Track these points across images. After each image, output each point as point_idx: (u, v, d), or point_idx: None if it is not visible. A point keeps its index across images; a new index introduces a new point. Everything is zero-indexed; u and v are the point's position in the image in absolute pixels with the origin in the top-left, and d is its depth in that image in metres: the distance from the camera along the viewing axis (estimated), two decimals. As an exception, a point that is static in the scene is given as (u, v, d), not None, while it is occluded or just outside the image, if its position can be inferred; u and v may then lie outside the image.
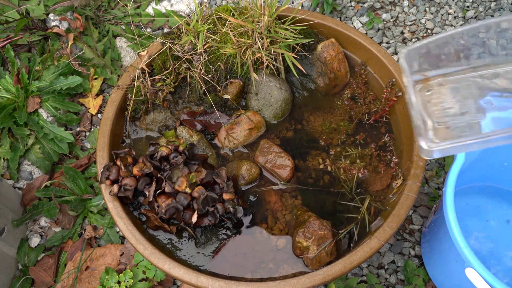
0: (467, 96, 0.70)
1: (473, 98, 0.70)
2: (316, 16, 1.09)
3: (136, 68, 1.03)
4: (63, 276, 1.13)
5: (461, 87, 0.71)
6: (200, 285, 0.82)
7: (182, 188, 0.90)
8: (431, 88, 0.72)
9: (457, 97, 0.70)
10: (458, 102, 0.69)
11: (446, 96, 0.70)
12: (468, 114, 0.69)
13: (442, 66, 0.72)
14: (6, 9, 1.40)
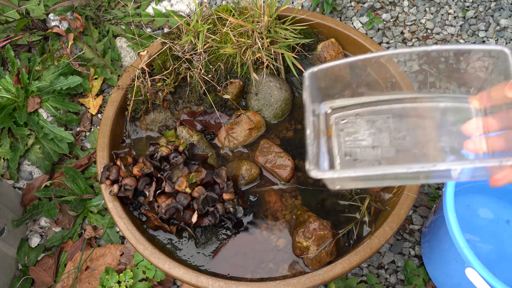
0: (383, 129, 0.67)
1: (388, 131, 0.66)
2: (316, 16, 1.09)
3: (136, 68, 1.03)
4: (63, 276, 1.13)
5: (379, 119, 0.68)
6: (200, 285, 0.82)
7: (182, 188, 0.90)
8: (347, 117, 0.69)
9: (372, 129, 0.67)
10: (371, 134, 0.66)
11: (360, 127, 0.67)
12: (379, 149, 0.65)
13: (356, 95, 0.69)
14: (6, 9, 1.40)
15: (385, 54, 0.62)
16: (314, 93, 0.64)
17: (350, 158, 0.65)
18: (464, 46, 0.59)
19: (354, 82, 0.66)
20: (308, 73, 0.60)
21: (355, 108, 0.69)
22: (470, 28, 1.44)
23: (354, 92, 0.68)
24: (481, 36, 1.43)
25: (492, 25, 1.44)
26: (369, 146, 0.65)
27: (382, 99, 0.69)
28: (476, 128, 0.57)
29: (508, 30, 1.43)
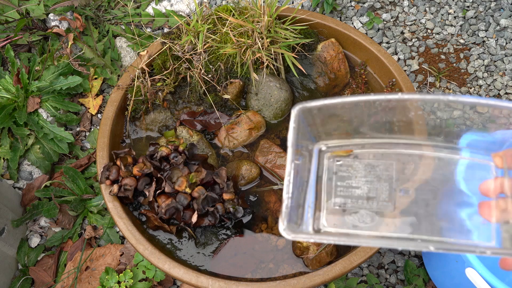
0: (382, 178, 0.56)
1: (389, 181, 0.56)
2: (316, 16, 1.09)
3: (136, 68, 1.02)
4: (63, 276, 1.13)
5: (380, 164, 0.57)
6: (200, 285, 0.82)
7: (182, 188, 0.90)
8: (343, 157, 0.59)
9: (369, 176, 0.56)
10: (368, 182, 0.56)
11: (357, 172, 0.57)
12: (375, 201, 0.55)
13: (356, 135, 0.58)
14: (6, 9, 1.40)
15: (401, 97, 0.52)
16: (303, 130, 0.55)
17: (340, 208, 0.56)
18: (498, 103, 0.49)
19: (355, 121, 0.56)
20: (297, 110, 0.51)
21: (354, 148, 0.59)
22: (470, 28, 1.44)
23: (354, 132, 0.58)
24: (481, 36, 1.43)
25: (492, 25, 1.43)
26: (364, 197, 0.55)
27: (387, 142, 0.59)
28: (494, 190, 0.48)
29: (508, 30, 1.43)
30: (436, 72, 1.38)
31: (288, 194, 0.48)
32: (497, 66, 1.38)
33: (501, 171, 0.51)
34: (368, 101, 0.50)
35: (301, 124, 0.52)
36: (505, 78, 1.36)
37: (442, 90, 1.36)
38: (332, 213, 0.56)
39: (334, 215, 0.56)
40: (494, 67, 1.38)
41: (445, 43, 1.43)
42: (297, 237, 0.46)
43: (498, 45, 1.41)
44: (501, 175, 0.51)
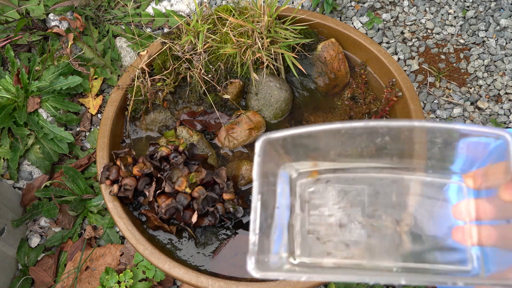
0: (354, 203, 0.55)
1: (361, 207, 0.55)
2: (316, 16, 1.09)
3: (136, 68, 1.02)
4: (63, 276, 1.13)
5: (352, 190, 0.56)
6: (200, 285, 0.82)
7: (182, 188, 0.90)
8: (315, 184, 0.57)
9: (342, 203, 0.55)
10: (341, 209, 0.55)
11: (329, 199, 0.55)
12: (348, 228, 0.54)
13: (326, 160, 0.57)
14: (6, 9, 1.40)
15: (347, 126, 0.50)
16: (271, 160, 0.53)
17: (313, 236, 0.55)
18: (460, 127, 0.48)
19: (324, 148, 0.55)
20: (261, 141, 0.50)
21: (326, 173, 0.57)
22: (470, 28, 1.44)
23: (324, 158, 0.57)
24: (481, 36, 1.43)
25: (492, 25, 1.44)
26: (337, 224, 0.54)
27: (358, 166, 0.57)
28: (467, 212, 0.48)
29: (508, 30, 1.43)
30: (436, 72, 1.38)
31: (255, 231, 0.47)
32: (497, 66, 1.38)
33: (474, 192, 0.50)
34: (333, 130, 0.49)
35: (267, 156, 0.51)
36: (505, 78, 1.36)
37: (442, 90, 1.36)
38: (306, 242, 0.55)
39: (308, 244, 0.55)
40: (494, 67, 1.38)
41: (445, 43, 1.43)
42: (266, 276, 0.45)
43: (498, 45, 1.41)
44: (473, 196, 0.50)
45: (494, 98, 1.35)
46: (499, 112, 1.32)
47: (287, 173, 0.58)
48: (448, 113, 1.31)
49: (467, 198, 0.51)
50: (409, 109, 0.98)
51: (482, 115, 1.32)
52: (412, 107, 0.98)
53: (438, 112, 1.31)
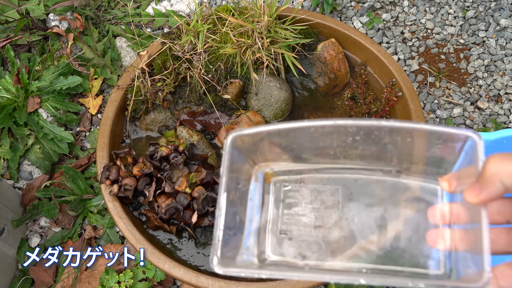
0: (328, 204, 0.54)
1: (335, 208, 0.54)
2: (316, 16, 1.09)
3: (136, 68, 1.02)
4: (63, 276, 1.13)
5: (326, 190, 0.55)
6: (200, 285, 0.82)
7: (182, 188, 0.90)
8: (290, 183, 0.56)
9: (316, 203, 0.54)
10: (315, 210, 0.54)
11: (303, 199, 0.55)
12: (321, 229, 0.53)
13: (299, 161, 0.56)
14: (6, 9, 1.40)
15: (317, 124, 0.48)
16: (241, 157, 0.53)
17: (286, 236, 0.54)
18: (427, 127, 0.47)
19: (296, 147, 0.54)
20: (230, 139, 0.49)
21: (302, 173, 0.57)
22: (470, 28, 1.44)
23: (297, 157, 0.56)
24: (481, 36, 1.43)
25: (492, 25, 1.44)
26: (310, 225, 0.54)
27: (333, 167, 0.56)
28: (441, 216, 0.47)
29: (508, 30, 1.43)
30: (436, 72, 1.38)
31: (220, 227, 0.46)
32: (497, 66, 1.38)
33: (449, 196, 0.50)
34: (303, 128, 0.49)
35: (236, 152, 0.50)
36: (505, 78, 1.36)
37: (442, 90, 1.36)
38: (278, 242, 0.54)
39: (280, 244, 0.54)
40: (494, 67, 1.38)
41: (445, 43, 1.43)
42: (228, 272, 0.45)
43: (498, 45, 1.41)
44: (449, 199, 0.50)
45: (494, 98, 1.35)
46: (499, 112, 1.32)
47: (262, 172, 0.58)
48: (448, 113, 1.31)
49: (442, 201, 0.51)
50: (409, 109, 0.98)
51: (482, 115, 1.32)
52: (412, 107, 0.98)
53: (438, 112, 1.31)
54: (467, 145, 0.46)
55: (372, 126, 0.47)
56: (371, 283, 0.41)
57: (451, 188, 0.44)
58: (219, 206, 0.47)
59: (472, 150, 0.44)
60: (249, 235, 0.54)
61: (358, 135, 0.50)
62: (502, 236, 0.41)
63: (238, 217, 0.52)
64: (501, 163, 0.36)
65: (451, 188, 0.44)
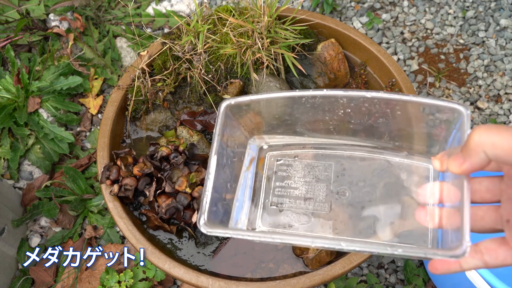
0: (320, 178, 0.55)
1: (326, 182, 0.55)
2: (316, 16, 1.09)
3: (136, 68, 1.03)
4: (63, 276, 1.13)
5: (319, 165, 0.56)
6: (200, 285, 0.82)
7: (182, 188, 0.90)
8: (283, 157, 0.57)
9: (308, 177, 0.55)
10: (306, 184, 0.55)
11: (296, 172, 0.56)
12: (312, 202, 0.54)
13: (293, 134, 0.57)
14: (6, 9, 1.40)
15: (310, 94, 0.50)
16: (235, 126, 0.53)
17: (277, 208, 0.55)
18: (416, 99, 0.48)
19: (289, 119, 0.55)
20: (224, 106, 0.50)
21: (295, 149, 0.58)
22: (470, 28, 1.44)
23: (292, 131, 0.57)
24: (481, 36, 1.43)
25: (492, 25, 1.44)
26: (301, 198, 0.55)
27: (328, 143, 0.58)
28: (432, 194, 0.47)
29: (508, 30, 1.43)
30: (435, 72, 1.38)
31: (208, 189, 0.48)
32: (497, 66, 1.38)
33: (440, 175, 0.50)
34: (294, 97, 0.50)
35: (230, 121, 0.51)
36: (505, 78, 1.36)
37: (442, 90, 1.36)
38: (268, 213, 0.55)
39: (270, 215, 0.55)
40: (494, 67, 1.38)
41: (444, 43, 1.43)
42: (213, 232, 0.46)
43: (498, 45, 1.41)
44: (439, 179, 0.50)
45: (494, 98, 1.35)
46: (498, 112, 1.32)
47: (256, 144, 0.58)
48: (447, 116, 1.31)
49: (433, 180, 0.51)
50: (409, 109, 0.98)
51: (482, 115, 1.32)
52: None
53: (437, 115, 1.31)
54: (457, 121, 0.46)
55: (362, 97, 0.48)
56: (351, 248, 0.41)
57: (442, 167, 0.45)
58: (209, 170, 0.48)
59: (461, 125, 0.44)
60: (240, 206, 0.55)
61: (349, 107, 0.50)
62: (490, 213, 0.42)
63: (229, 184, 0.52)
64: (485, 134, 0.36)
65: (443, 167, 0.44)
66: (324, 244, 0.42)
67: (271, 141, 0.58)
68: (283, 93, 0.51)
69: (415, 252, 0.40)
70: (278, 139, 0.58)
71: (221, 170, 0.50)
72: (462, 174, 0.40)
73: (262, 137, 0.58)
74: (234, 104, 0.51)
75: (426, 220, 0.46)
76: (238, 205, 0.54)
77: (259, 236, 0.46)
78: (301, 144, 0.58)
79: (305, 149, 0.58)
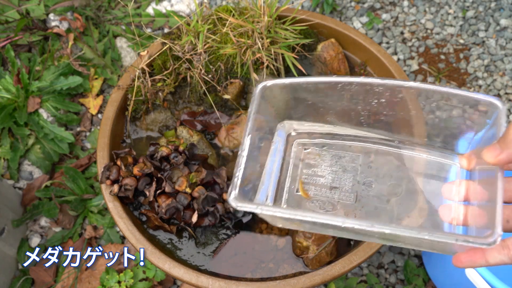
0: (347, 169, 0.56)
1: (353, 173, 0.56)
2: (316, 16, 1.09)
3: (136, 68, 1.03)
4: (63, 276, 1.13)
5: (347, 156, 0.57)
6: (200, 285, 0.82)
7: (182, 188, 0.90)
8: (311, 146, 0.58)
9: (335, 166, 0.56)
10: (333, 173, 0.56)
11: (323, 162, 0.57)
12: (338, 191, 0.55)
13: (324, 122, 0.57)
14: (6, 9, 1.40)
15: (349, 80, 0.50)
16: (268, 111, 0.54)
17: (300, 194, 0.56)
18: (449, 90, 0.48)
19: (322, 106, 0.55)
20: (260, 88, 0.51)
21: (324, 138, 0.58)
22: (470, 28, 1.44)
23: (323, 120, 0.57)
24: (481, 36, 1.43)
25: (492, 25, 1.44)
26: (327, 186, 0.56)
27: (356, 135, 0.58)
28: (456, 192, 0.48)
29: (508, 30, 1.43)
30: (435, 72, 1.38)
31: (241, 166, 0.48)
32: (497, 66, 1.38)
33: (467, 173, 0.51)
34: (330, 83, 0.50)
35: (263, 103, 0.52)
36: (505, 78, 1.36)
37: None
38: (294, 198, 0.56)
39: (295, 201, 0.56)
40: (494, 67, 1.38)
41: (444, 43, 1.43)
42: (243, 207, 0.46)
43: (498, 45, 1.41)
44: (466, 177, 0.51)
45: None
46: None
47: (285, 130, 0.59)
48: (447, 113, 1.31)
49: (460, 178, 0.51)
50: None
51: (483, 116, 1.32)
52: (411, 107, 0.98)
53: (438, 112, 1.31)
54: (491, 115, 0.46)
55: (399, 86, 0.49)
56: (382, 230, 0.41)
57: (469, 166, 0.45)
58: (243, 147, 0.49)
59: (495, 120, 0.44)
60: (265, 189, 0.55)
61: (383, 97, 0.50)
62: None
63: (258, 166, 0.53)
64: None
65: (470, 166, 0.45)
66: (355, 225, 0.42)
67: (300, 128, 0.59)
68: (321, 78, 0.51)
69: (445, 237, 0.40)
70: (307, 127, 0.59)
71: (251, 151, 0.50)
72: (497, 164, 0.40)
73: (292, 124, 0.59)
74: (270, 86, 0.51)
75: (449, 217, 0.46)
76: (263, 189, 0.55)
77: (289, 212, 0.46)
78: (330, 133, 0.59)
79: (333, 139, 0.58)
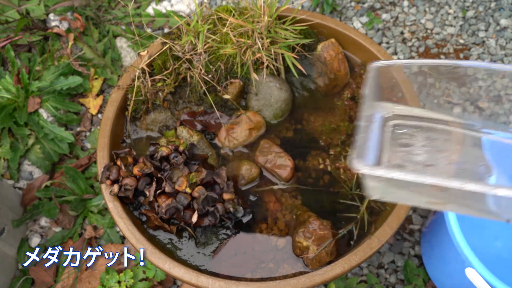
0: (441, 149, 0.60)
1: (447, 153, 0.60)
2: (316, 16, 1.09)
3: (136, 68, 1.03)
4: (63, 276, 1.13)
5: (439, 138, 0.61)
6: (200, 285, 0.82)
7: (182, 188, 0.90)
8: (406, 127, 0.62)
9: (429, 147, 0.60)
10: (428, 152, 0.59)
11: (418, 142, 0.60)
12: (433, 168, 0.59)
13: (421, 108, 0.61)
14: (6, 9, 1.40)
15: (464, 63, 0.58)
16: (375, 89, 0.58)
17: (399, 169, 0.58)
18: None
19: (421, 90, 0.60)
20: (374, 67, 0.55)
21: (418, 121, 0.62)
22: (470, 28, 1.44)
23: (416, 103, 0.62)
24: (481, 36, 1.43)
25: (492, 25, 1.44)
26: (422, 163, 0.59)
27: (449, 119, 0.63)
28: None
29: (508, 30, 1.43)
30: (436, 72, 1.38)
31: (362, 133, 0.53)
32: (497, 66, 1.38)
33: None
34: (438, 66, 0.57)
35: (374, 82, 0.57)
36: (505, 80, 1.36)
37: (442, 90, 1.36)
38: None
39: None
40: (494, 67, 1.38)
41: (444, 43, 1.43)
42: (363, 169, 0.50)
43: (498, 45, 1.42)
44: None
45: (494, 98, 1.35)
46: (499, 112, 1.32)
47: (385, 110, 0.63)
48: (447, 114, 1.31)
49: None
50: (409, 109, 0.98)
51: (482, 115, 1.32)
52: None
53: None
54: None
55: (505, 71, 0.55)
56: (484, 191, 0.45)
57: None
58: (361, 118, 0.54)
59: None
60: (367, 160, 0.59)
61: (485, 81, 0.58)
62: None
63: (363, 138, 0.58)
64: None
65: None
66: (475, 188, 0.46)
67: (398, 109, 0.63)
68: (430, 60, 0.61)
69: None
70: (404, 109, 0.63)
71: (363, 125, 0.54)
72: None
73: (388, 105, 0.63)
74: (383, 65, 0.56)
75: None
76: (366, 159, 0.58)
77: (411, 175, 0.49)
78: (425, 117, 0.63)
79: (428, 122, 0.63)
